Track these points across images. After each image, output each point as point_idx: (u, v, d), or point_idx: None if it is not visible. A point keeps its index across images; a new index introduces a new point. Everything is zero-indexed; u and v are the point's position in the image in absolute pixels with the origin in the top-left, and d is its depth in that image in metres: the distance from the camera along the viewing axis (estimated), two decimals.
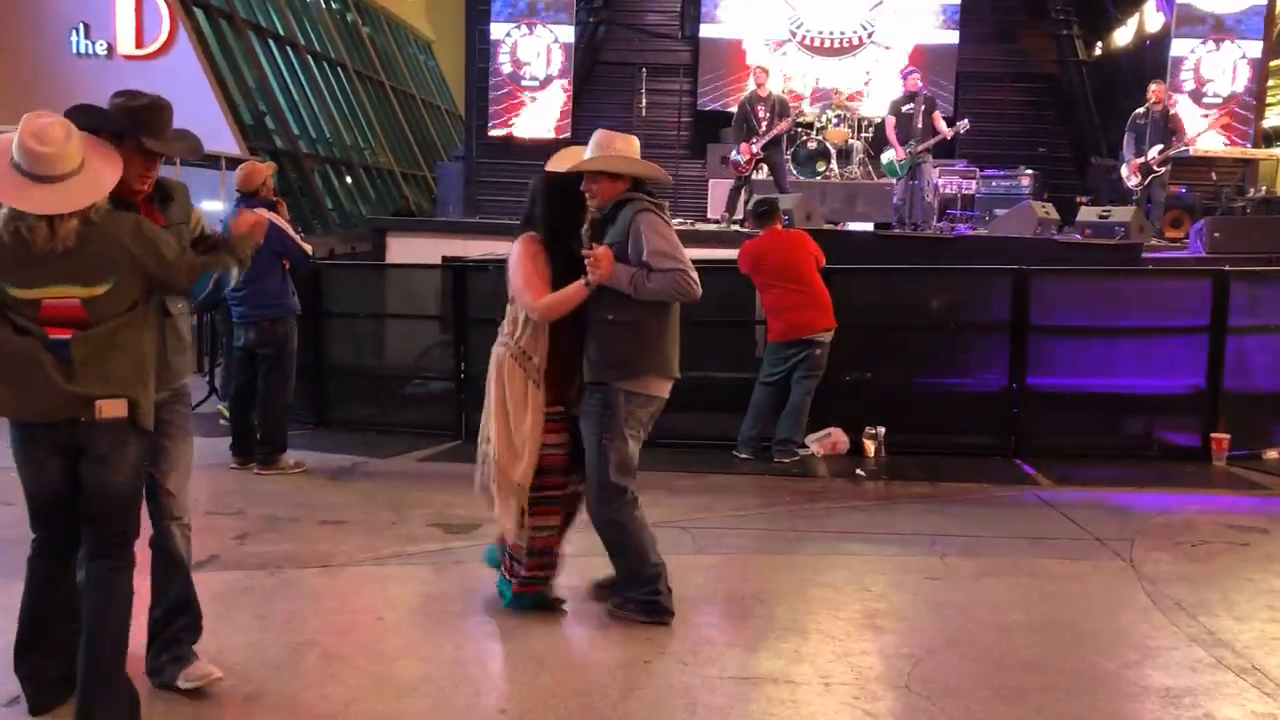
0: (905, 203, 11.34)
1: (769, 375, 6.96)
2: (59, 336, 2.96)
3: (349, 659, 3.74)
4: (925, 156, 11.26)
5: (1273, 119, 19.95)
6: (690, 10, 16.88)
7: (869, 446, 7.07)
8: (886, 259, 8.79)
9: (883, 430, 7.07)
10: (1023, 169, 14.22)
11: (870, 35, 16.49)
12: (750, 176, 11.89)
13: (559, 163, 4.21)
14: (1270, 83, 17.13)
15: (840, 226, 11.91)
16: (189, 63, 17.87)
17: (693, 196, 15.39)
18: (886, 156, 11.69)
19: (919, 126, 11.07)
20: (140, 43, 18.06)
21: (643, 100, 15.47)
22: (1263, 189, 14.78)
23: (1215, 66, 14.85)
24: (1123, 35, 16.41)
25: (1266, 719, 3.38)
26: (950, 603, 4.40)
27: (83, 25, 18.09)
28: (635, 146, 4.10)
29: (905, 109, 11.28)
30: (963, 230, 12.34)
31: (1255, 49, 14.87)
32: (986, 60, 16.82)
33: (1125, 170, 11.74)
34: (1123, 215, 10.03)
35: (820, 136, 14.03)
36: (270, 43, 22.31)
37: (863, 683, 3.60)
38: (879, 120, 13.21)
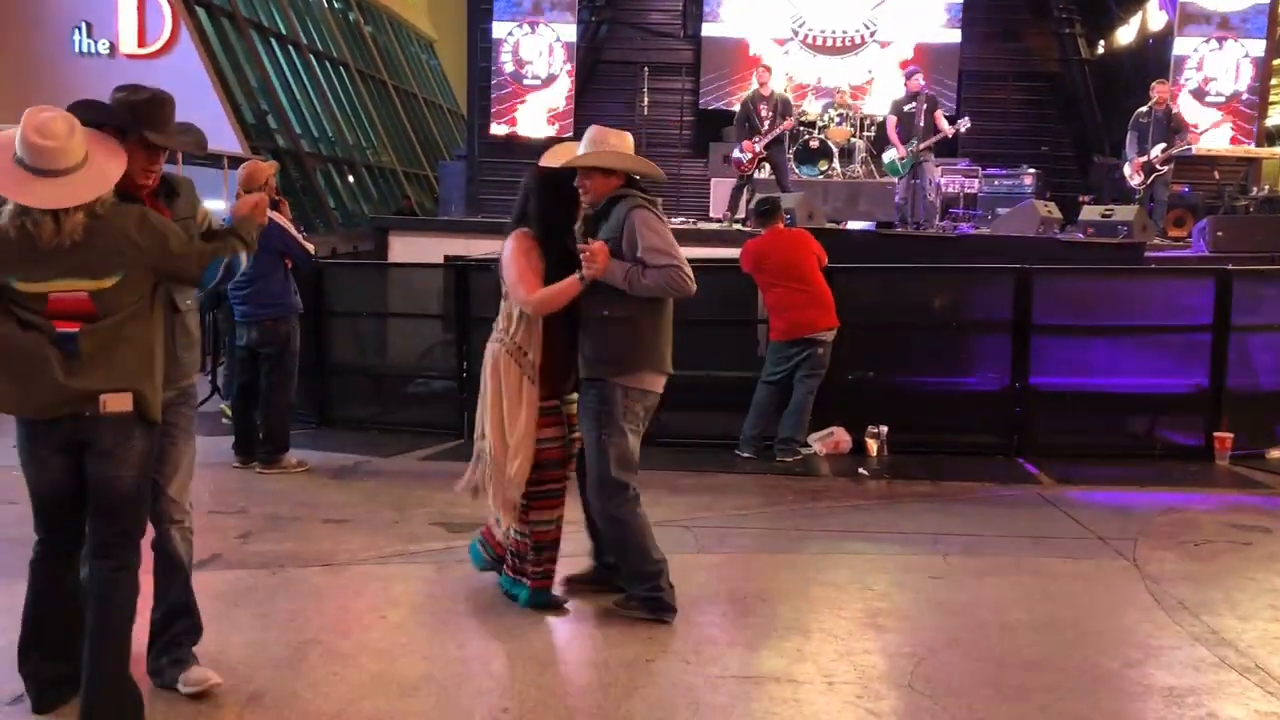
0: (907, 202, 11.32)
1: (771, 374, 6.95)
2: (67, 330, 2.95)
3: (351, 658, 3.74)
4: (927, 155, 11.24)
5: (1276, 118, 19.92)
6: (692, 9, 16.86)
7: (871, 445, 7.06)
8: (889, 258, 8.78)
9: (885, 429, 7.07)
10: (1025, 168, 14.17)
11: (872, 34, 16.47)
12: (752, 175, 11.88)
13: (552, 158, 4.20)
14: (1274, 81, 17.10)
15: (842, 225, 11.87)
16: (191, 62, 17.89)
17: (695, 195, 15.41)
18: (888, 155, 11.67)
19: (920, 125, 11.04)
20: (142, 41, 18.10)
21: (645, 99, 15.44)
22: (1266, 188, 14.77)
23: (1218, 65, 14.84)
24: (1126, 34, 16.39)
25: (1270, 718, 3.37)
26: (953, 602, 4.40)
27: (85, 24, 18.13)
28: (629, 142, 4.09)
29: (907, 108, 11.25)
30: (965, 229, 12.30)
31: (1258, 48, 14.86)
32: (989, 59, 16.78)
33: (1128, 169, 11.70)
34: (1125, 214, 10.04)
35: (822, 135, 14.02)
36: (272, 42, 22.34)
37: (865, 682, 3.60)
38: (881, 119, 13.21)
